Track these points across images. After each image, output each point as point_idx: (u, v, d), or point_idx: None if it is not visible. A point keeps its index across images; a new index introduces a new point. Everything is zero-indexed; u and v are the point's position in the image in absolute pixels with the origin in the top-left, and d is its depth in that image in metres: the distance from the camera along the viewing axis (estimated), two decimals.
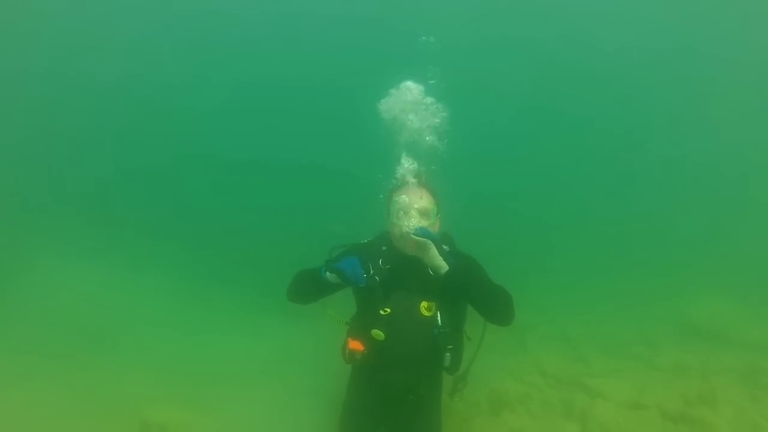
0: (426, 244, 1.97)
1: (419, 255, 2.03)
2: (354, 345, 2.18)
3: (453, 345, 2.14)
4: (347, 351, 2.21)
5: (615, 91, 8.98)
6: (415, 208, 2.09)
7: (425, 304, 2.11)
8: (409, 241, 2.02)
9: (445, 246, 2.17)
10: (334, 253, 2.26)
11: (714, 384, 3.55)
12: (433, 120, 2.46)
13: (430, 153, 2.41)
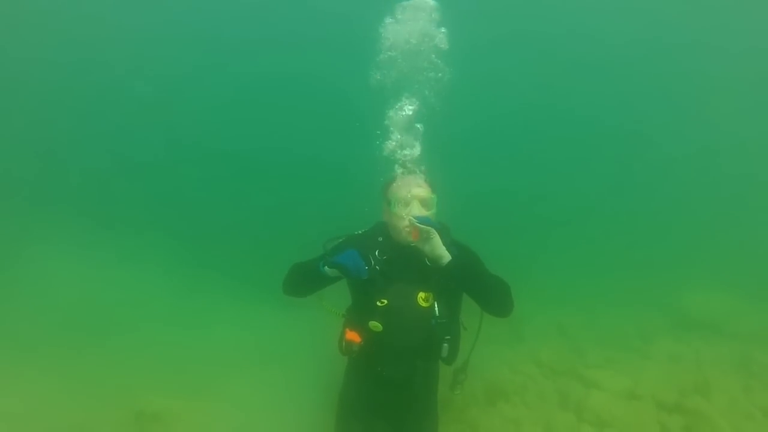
0: (430, 232, 1.96)
1: (421, 245, 2.00)
2: (351, 336, 2.15)
3: (450, 335, 2.13)
4: (344, 343, 2.19)
5: (615, 92, 9.01)
6: (416, 197, 2.07)
7: (422, 294, 2.09)
8: (414, 230, 2.00)
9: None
10: (328, 246, 2.22)
11: (708, 374, 3.59)
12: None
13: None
